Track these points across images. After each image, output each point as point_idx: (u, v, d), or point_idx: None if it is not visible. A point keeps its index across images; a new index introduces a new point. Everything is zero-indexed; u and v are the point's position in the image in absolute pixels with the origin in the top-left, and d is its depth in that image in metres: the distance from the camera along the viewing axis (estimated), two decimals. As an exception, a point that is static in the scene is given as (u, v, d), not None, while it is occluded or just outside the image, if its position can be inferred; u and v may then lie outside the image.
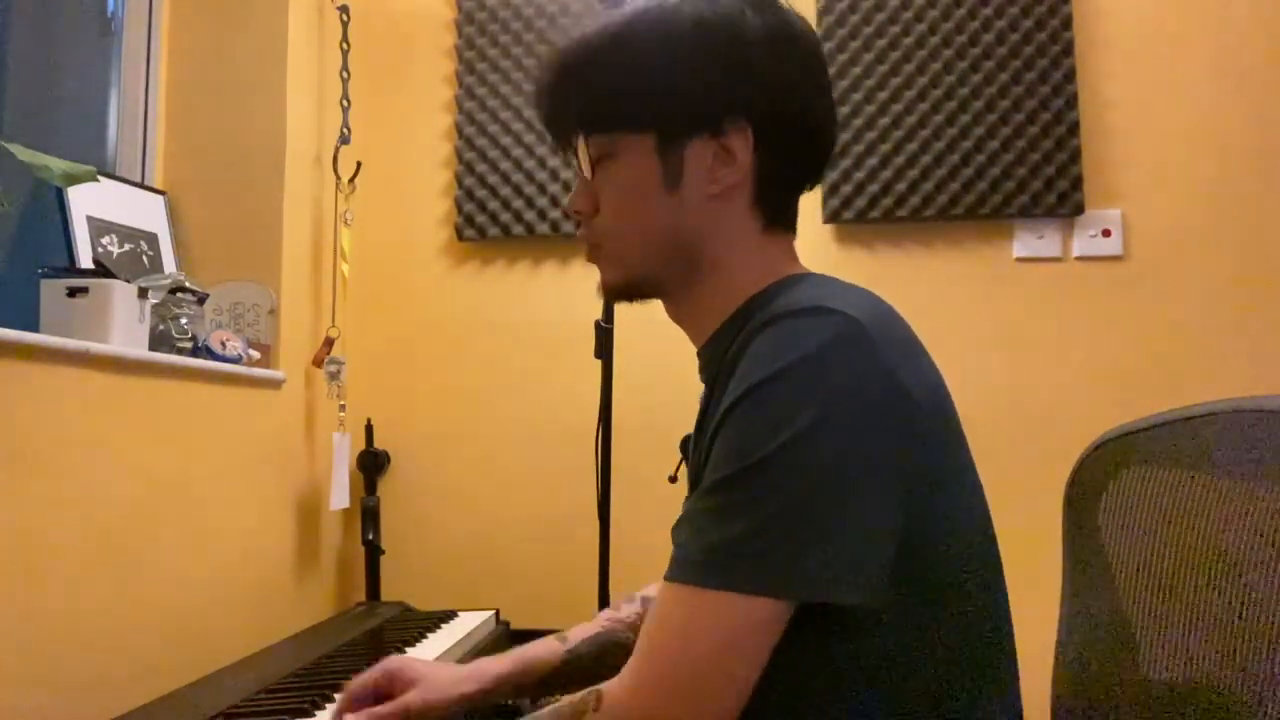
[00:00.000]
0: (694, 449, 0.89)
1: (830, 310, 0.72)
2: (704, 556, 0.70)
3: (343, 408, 2.02)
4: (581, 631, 1.05)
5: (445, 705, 0.92)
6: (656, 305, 0.92)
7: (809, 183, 0.89)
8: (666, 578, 0.72)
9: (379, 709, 0.91)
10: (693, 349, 0.90)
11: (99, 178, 1.47)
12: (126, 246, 1.74)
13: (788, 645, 0.70)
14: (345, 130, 2.08)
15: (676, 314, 0.90)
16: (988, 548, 0.80)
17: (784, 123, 0.83)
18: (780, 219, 0.87)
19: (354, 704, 0.94)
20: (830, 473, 0.68)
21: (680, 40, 0.82)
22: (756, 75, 0.82)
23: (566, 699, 0.75)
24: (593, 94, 0.84)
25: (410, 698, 0.92)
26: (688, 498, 0.81)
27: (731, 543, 0.69)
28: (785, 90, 0.83)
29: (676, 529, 0.74)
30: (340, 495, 2.00)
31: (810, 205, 2.04)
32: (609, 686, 0.73)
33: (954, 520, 0.76)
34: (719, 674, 0.68)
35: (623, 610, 1.10)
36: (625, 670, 0.73)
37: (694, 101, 0.82)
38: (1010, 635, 0.81)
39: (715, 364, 0.82)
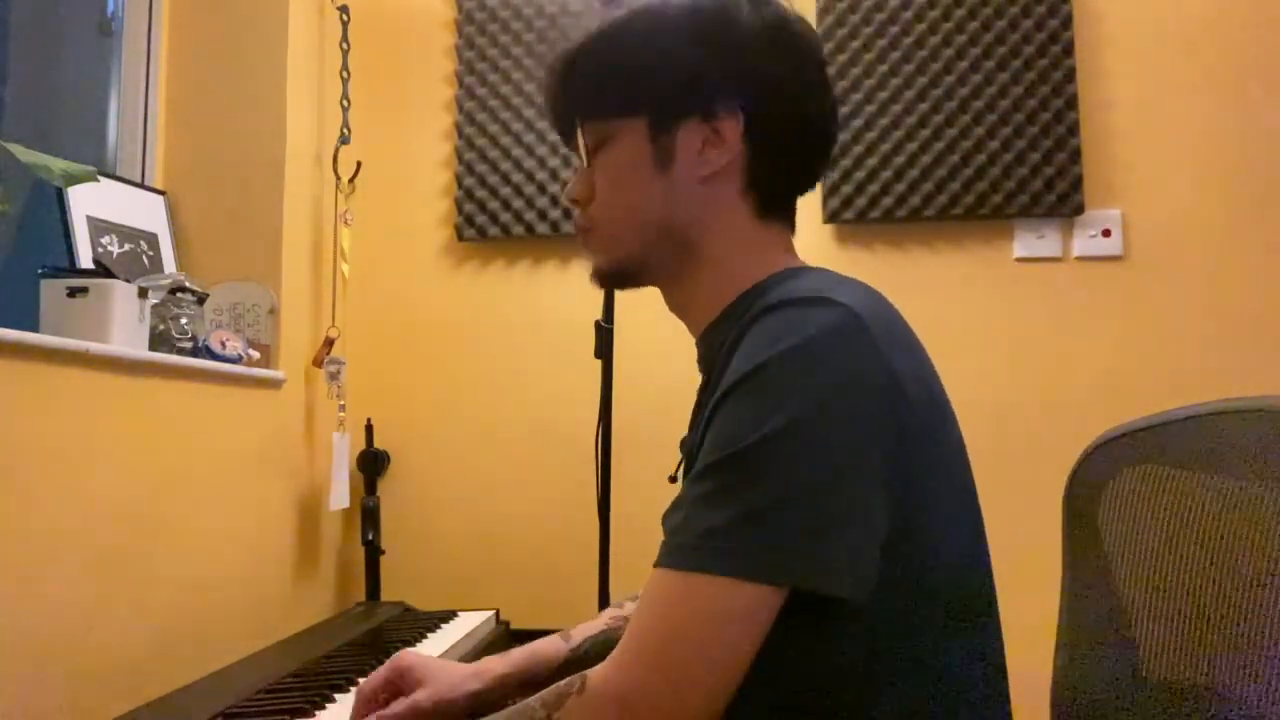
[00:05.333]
0: (690, 434, 0.89)
1: (829, 301, 0.73)
2: (694, 541, 0.69)
3: (343, 408, 2.02)
4: (585, 630, 1.05)
5: (455, 703, 0.92)
6: (656, 305, 0.92)
7: (805, 179, 0.90)
8: (656, 564, 0.71)
9: (390, 710, 0.91)
10: (692, 345, 0.90)
11: (99, 178, 1.48)
12: (126, 246, 1.74)
13: (781, 641, 0.70)
14: (345, 130, 2.08)
15: (673, 303, 0.91)
16: (976, 544, 0.80)
17: (775, 114, 0.84)
18: (774, 211, 0.88)
19: (367, 706, 0.93)
20: (822, 461, 0.68)
21: (672, 26, 0.84)
22: (749, 63, 0.83)
23: (554, 685, 0.74)
24: (588, 81, 0.87)
25: (420, 696, 0.92)
26: (683, 481, 0.80)
27: (721, 528, 0.68)
28: (777, 81, 0.84)
29: (668, 515, 0.74)
30: (340, 495, 2.00)
31: (810, 205, 2.04)
32: (594, 671, 0.72)
33: (941, 516, 0.76)
34: (705, 660, 0.68)
35: (626, 608, 1.09)
36: (611, 655, 0.72)
37: (684, 83, 0.84)
38: (999, 631, 0.81)
39: (713, 353, 0.83)
